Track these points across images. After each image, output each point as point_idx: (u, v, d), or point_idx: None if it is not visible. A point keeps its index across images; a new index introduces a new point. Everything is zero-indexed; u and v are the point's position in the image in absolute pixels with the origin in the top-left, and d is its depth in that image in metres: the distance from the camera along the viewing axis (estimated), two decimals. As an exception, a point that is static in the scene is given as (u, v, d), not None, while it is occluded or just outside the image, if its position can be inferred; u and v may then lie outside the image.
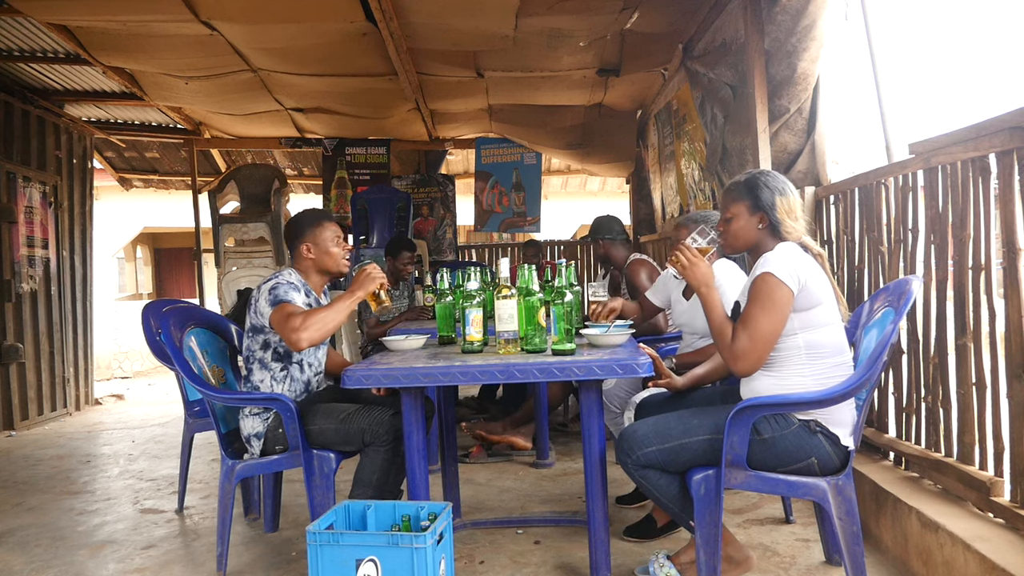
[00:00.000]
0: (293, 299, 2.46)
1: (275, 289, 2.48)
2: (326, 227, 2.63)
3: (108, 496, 3.68)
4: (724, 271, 2.87)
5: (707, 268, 2.16)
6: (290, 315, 2.37)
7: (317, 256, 2.62)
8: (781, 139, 3.51)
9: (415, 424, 2.25)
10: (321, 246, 2.61)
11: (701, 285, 2.14)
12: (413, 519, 2.11)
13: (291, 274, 2.60)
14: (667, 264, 2.33)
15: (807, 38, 3.21)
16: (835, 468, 2.04)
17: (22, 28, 4.71)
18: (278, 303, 2.43)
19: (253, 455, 2.56)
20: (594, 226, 4.16)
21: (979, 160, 2.16)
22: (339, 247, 2.64)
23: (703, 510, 2.03)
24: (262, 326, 2.53)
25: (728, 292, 2.73)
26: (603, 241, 4.09)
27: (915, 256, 2.59)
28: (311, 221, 2.64)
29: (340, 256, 2.64)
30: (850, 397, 1.99)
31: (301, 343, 2.32)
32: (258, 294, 2.53)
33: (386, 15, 4.02)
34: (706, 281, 2.15)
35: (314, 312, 2.38)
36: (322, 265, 2.63)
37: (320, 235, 2.62)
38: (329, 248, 2.61)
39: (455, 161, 9.40)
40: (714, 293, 2.14)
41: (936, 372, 2.44)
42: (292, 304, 2.43)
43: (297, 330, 2.32)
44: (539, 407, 3.79)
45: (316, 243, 2.61)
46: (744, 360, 2.02)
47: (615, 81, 5.67)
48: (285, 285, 2.50)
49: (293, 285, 2.53)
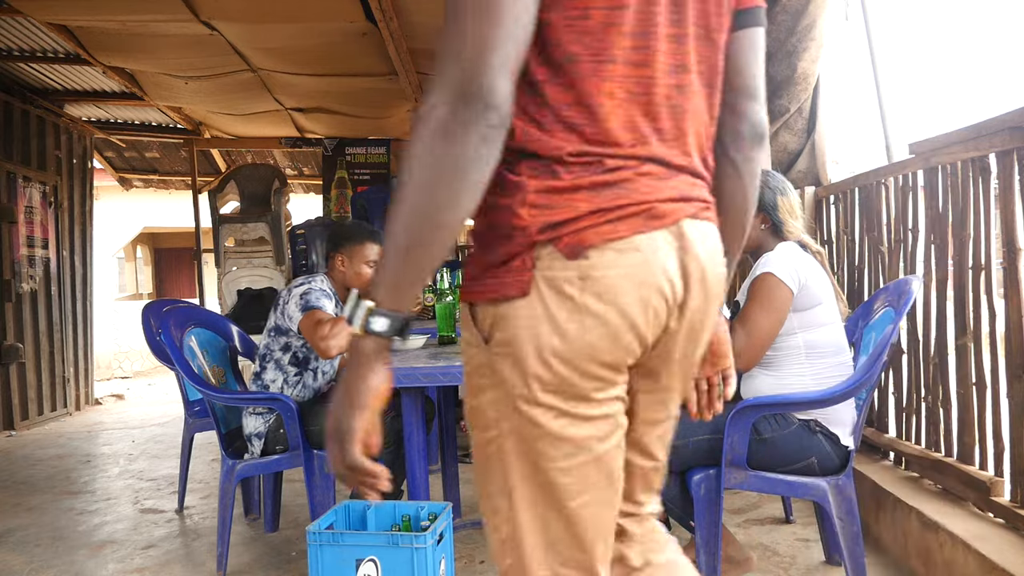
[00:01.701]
0: (324, 306, 2.46)
1: (307, 295, 2.47)
2: (367, 248, 2.62)
3: (108, 496, 3.68)
4: None
5: None
6: (319, 322, 2.37)
7: (347, 271, 2.62)
8: (781, 139, 3.51)
9: (415, 424, 2.25)
10: (355, 263, 2.61)
11: None
12: (413, 519, 2.11)
13: (323, 281, 2.59)
14: None
15: (807, 38, 3.21)
16: (835, 468, 2.04)
17: (22, 28, 4.71)
18: (309, 309, 2.43)
19: (253, 455, 2.56)
20: None
21: (979, 160, 2.16)
22: (371, 269, 2.64)
23: (703, 510, 2.03)
24: (287, 329, 2.53)
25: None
26: None
27: (915, 256, 2.59)
28: (355, 236, 2.63)
29: (368, 279, 2.64)
30: (850, 397, 1.99)
31: (331, 351, 2.32)
32: (288, 296, 2.52)
33: (386, 15, 4.01)
34: None
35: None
36: (349, 281, 2.62)
37: (358, 253, 2.61)
38: (361, 269, 2.61)
39: (455, 161, 9.40)
40: None
41: (936, 372, 2.44)
42: (323, 311, 2.43)
43: (326, 338, 2.32)
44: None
45: (351, 258, 2.61)
46: (740, 358, 2.03)
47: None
48: (317, 291, 2.50)
49: (325, 292, 2.53)
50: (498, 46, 0.75)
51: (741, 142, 1.01)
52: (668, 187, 0.87)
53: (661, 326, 0.88)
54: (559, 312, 0.82)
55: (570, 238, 0.82)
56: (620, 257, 0.82)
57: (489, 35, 0.75)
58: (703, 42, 0.92)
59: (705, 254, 0.89)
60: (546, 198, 0.82)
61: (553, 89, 0.83)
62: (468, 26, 0.75)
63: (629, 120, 0.85)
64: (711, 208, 0.94)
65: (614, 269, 0.82)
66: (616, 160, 0.84)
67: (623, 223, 0.83)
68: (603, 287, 0.82)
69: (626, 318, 0.83)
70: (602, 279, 0.82)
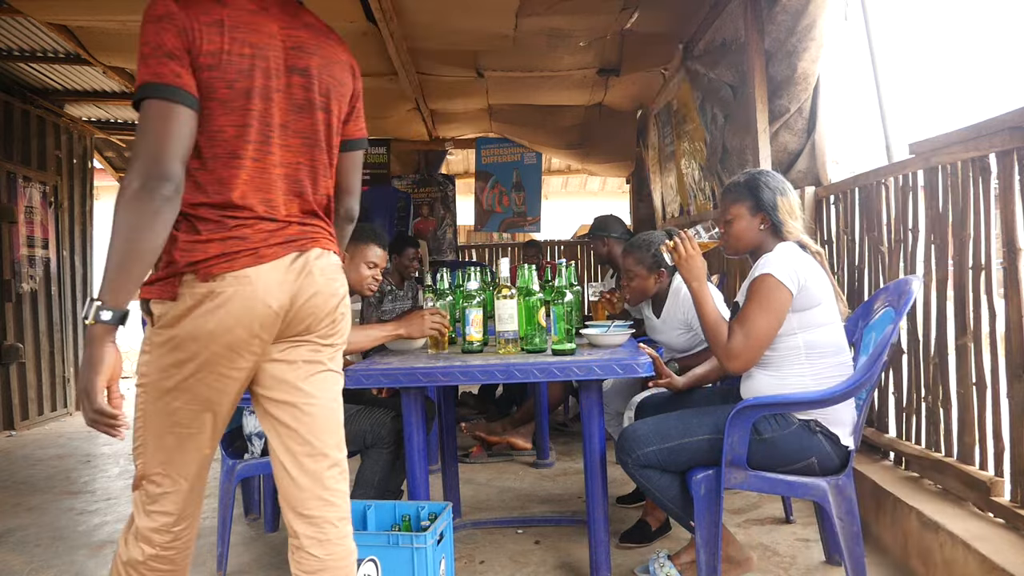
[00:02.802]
0: None
1: None
2: (370, 248, 2.68)
3: (108, 496, 3.68)
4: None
5: (703, 264, 2.17)
6: None
7: (347, 268, 2.63)
8: (781, 139, 3.51)
9: (415, 424, 2.25)
10: (355, 261, 2.66)
11: (693, 280, 2.15)
12: (413, 519, 2.11)
13: None
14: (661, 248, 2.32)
15: (807, 38, 3.21)
16: (835, 468, 2.04)
17: (22, 28, 4.70)
18: None
19: (254, 454, 2.56)
20: (597, 224, 4.14)
21: (979, 160, 2.16)
22: (371, 270, 2.69)
23: (703, 510, 2.03)
24: None
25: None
26: (608, 239, 4.07)
27: (915, 256, 2.59)
28: (360, 237, 2.67)
29: (367, 279, 2.70)
30: (850, 397, 1.99)
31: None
32: None
33: (386, 15, 4.01)
34: (698, 276, 2.16)
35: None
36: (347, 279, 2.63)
37: (361, 252, 2.67)
38: (361, 268, 2.67)
39: (455, 161, 9.40)
40: (705, 289, 2.14)
41: (936, 372, 2.44)
42: None
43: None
44: (539, 407, 3.79)
45: (353, 257, 2.66)
46: (738, 359, 2.03)
47: (615, 81, 5.67)
48: None
49: None
50: (171, 145, 1.28)
51: (339, 219, 1.63)
52: (275, 236, 1.40)
53: (277, 318, 1.39)
54: (194, 310, 1.33)
55: (204, 269, 1.33)
56: (235, 280, 1.34)
57: (166, 139, 1.28)
58: (309, 146, 1.48)
59: (316, 270, 1.45)
60: (190, 246, 1.34)
61: (202, 175, 1.36)
62: (152, 135, 1.28)
63: (248, 194, 1.39)
64: (319, 242, 1.47)
65: (230, 288, 1.34)
66: (237, 220, 1.37)
67: (238, 260, 1.35)
68: (222, 299, 1.34)
69: (234, 316, 1.34)
70: (221, 294, 1.34)
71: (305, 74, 1.46)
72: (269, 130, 1.41)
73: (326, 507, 1.49)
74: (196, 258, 1.33)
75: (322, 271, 1.47)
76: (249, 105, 1.38)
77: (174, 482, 1.42)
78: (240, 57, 1.36)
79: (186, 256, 1.33)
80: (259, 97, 1.39)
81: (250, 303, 1.35)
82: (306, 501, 1.47)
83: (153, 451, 1.42)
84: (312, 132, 1.48)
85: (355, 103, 1.59)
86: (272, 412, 1.48)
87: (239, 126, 1.37)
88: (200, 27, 1.32)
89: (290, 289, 1.40)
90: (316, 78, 1.47)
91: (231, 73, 1.35)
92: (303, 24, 1.50)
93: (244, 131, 1.38)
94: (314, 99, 1.47)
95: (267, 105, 1.41)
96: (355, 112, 1.59)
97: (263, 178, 1.41)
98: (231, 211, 1.37)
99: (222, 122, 1.36)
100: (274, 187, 1.42)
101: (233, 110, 1.37)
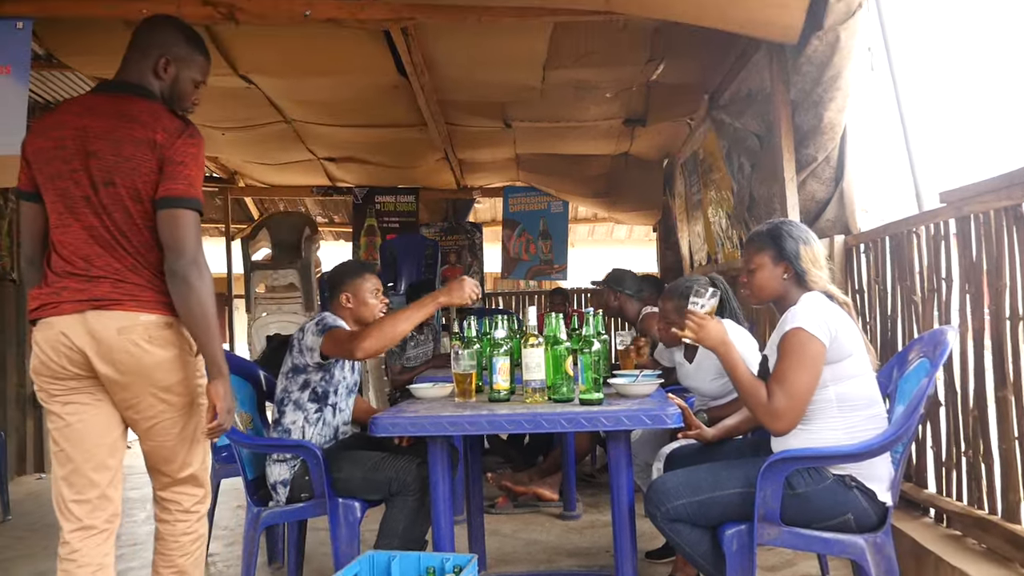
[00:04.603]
0: (342, 325, 2.58)
1: (322, 320, 2.58)
2: (367, 279, 2.74)
3: (134, 542, 3.67)
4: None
5: (718, 326, 2.13)
6: (346, 333, 2.50)
7: (355, 306, 2.71)
8: (809, 188, 3.51)
9: (441, 474, 2.23)
10: (359, 297, 2.70)
11: (718, 345, 2.10)
12: (438, 571, 2.08)
13: (333, 318, 2.65)
14: (669, 335, 2.29)
15: (833, 88, 3.23)
16: (872, 525, 1.97)
17: (67, 81, 4.92)
18: (328, 330, 2.52)
19: (279, 502, 2.55)
20: (613, 277, 4.07)
21: (1012, 208, 2.13)
22: (376, 299, 2.74)
23: (735, 567, 1.97)
24: (304, 365, 2.57)
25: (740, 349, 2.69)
26: (621, 294, 4.03)
27: (949, 305, 2.55)
28: (353, 272, 2.75)
29: (376, 308, 2.73)
30: (886, 451, 1.94)
31: (357, 352, 2.40)
32: (302, 334, 2.60)
33: (417, 69, 4.13)
34: (721, 339, 2.10)
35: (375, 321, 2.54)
36: (359, 315, 2.71)
37: (360, 286, 2.71)
38: (367, 299, 2.71)
39: (483, 209, 9.51)
40: (732, 350, 2.09)
41: (976, 425, 2.38)
42: (343, 328, 2.56)
43: (354, 339, 2.43)
44: (566, 457, 3.74)
45: (355, 294, 2.70)
46: (783, 419, 1.97)
47: (641, 131, 5.73)
48: (330, 318, 2.61)
49: (337, 319, 2.63)
50: (24, 245, 1.97)
51: (167, 274, 1.88)
52: (78, 292, 1.83)
53: (76, 364, 1.84)
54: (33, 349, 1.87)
55: (32, 315, 1.87)
56: (44, 325, 1.85)
57: (24, 241, 1.98)
58: (117, 212, 1.85)
59: (99, 326, 1.82)
60: (31, 299, 1.90)
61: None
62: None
63: (59, 260, 1.87)
64: (118, 301, 1.84)
65: (40, 332, 1.86)
66: (53, 279, 1.87)
67: (46, 311, 1.84)
68: (39, 339, 1.85)
69: (45, 355, 1.84)
70: (37, 335, 1.86)
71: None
72: (73, 203, 1.91)
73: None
74: (32, 306, 1.89)
75: (104, 327, 1.86)
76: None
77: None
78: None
79: (31, 304, 1.93)
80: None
81: (53, 344, 1.86)
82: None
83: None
84: (116, 201, 1.90)
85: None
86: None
87: (49, 201, 1.94)
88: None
89: (78, 341, 1.86)
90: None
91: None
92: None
93: (49, 207, 1.94)
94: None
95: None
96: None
97: (67, 248, 1.91)
98: (51, 273, 1.90)
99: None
100: (76, 254, 1.88)
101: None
